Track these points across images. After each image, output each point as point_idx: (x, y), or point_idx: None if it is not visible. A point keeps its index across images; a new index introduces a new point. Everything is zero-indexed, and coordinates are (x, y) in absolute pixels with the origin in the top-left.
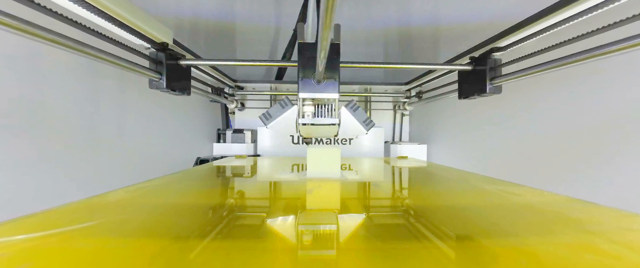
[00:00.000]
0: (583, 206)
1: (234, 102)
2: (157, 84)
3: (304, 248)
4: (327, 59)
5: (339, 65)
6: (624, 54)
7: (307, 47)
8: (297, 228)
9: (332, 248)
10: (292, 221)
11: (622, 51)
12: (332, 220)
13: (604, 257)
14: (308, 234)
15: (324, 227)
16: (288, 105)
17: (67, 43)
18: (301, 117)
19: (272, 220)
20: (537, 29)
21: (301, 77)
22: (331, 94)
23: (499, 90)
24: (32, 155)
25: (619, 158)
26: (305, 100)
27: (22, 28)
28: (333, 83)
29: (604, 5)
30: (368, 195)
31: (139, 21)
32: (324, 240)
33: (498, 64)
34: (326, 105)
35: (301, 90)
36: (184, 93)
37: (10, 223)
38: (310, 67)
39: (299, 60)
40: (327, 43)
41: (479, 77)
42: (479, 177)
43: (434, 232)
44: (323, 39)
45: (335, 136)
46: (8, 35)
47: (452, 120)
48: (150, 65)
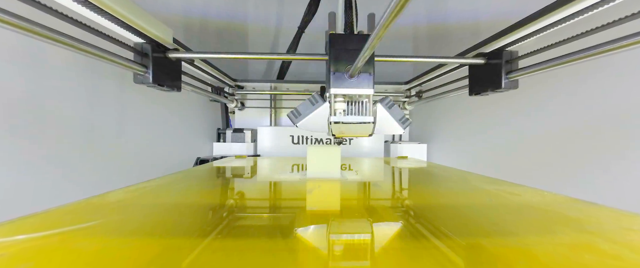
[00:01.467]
0: (583, 206)
1: (234, 101)
2: (143, 78)
3: (304, 249)
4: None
5: (374, 57)
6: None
7: (340, 39)
8: (296, 228)
9: (333, 248)
10: (293, 221)
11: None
12: (332, 221)
13: (604, 257)
14: (308, 234)
15: (325, 226)
16: (319, 102)
17: (34, 28)
18: (333, 114)
19: (272, 221)
20: (559, 17)
21: (332, 71)
22: (366, 89)
23: (516, 85)
24: (32, 155)
25: (621, 159)
26: (337, 96)
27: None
28: (367, 77)
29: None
30: (368, 195)
31: (131, 14)
32: (324, 239)
33: (515, 56)
34: (358, 101)
35: (333, 85)
36: (173, 89)
37: (10, 223)
38: (343, 60)
39: (329, 53)
40: (378, 40)
41: (493, 71)
42: (479, 177)
43: (434, 232)
44: (377, 36)
45: (369, 135)
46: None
47: (452, 119)
48: (135, 57)
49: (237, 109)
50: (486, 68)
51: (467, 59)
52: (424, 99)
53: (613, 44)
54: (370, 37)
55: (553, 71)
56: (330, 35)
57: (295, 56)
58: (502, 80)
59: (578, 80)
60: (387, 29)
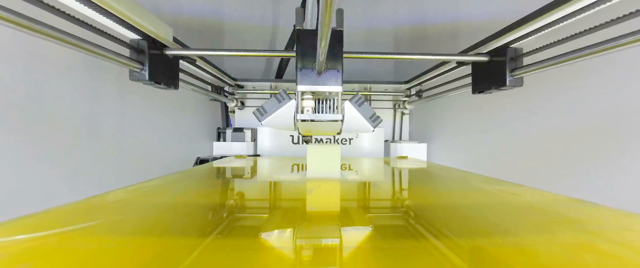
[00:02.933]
0: (583, 206)
1: (233, 100)
2: (139, 75)
3: (304, 249)
4: (328, 46)
5: (342, 54)
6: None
7: (307, 35)
8: (297, 228)
9: (333, 249)
10: (293, 222)
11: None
12: (333, 221)
13: (604, 257)
14: (309, 234)
15: (325, 227)
16: (285, 99)
17: (29, 24)
18: (300, 112)
19: (272, 221)
20: (565, 13)
21: (300, 68)
22: (333, 86)
23: (521, 83)
24: (31, 155)
25: (622, 159)
26: (305, 93)
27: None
28: (335, 74)
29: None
30: (368, 195)
31: (130, 12)
32: (325, 240)
33: (519, 53)
34: (328, 99)
35: (300, 82)
36: (170, 87)
37: (10, 223)
38: (310, 56)
39: (297, 49)
40: (328, 29)
41: (497, 69)
42: (479, 177)
43: (433, 232)
44: (324, 24)
45: (337, 133)
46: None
47: (453, 119)
48: (131, 54)
49: (237, 108)
50: (490, 66)
51: (470, 57)
52: (424, 98)
53: (620, 40)
54: (319, 28)
55: (554, 70)
56: (297, 31)
57: (266, 54)
58: (506, 78)
59: (578, 79)
60: (330, 15)
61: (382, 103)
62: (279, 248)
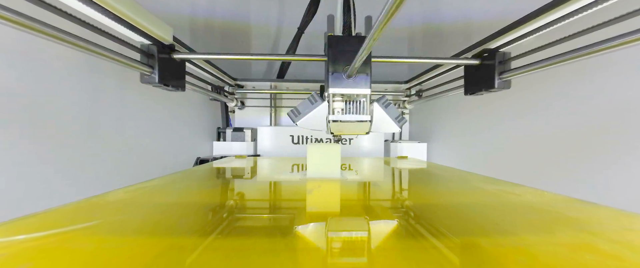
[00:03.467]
0: (583, 206)
1: (234, 100)
2: (149, 78)
3: (304, 249)
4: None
5: (371, 59)
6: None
7: (338, 41)
8: (297, 228)
9: (333, 249)
10: (293, 222)
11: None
12: (333, 220)
13: (604, 257)
14: (309, 235)
15: (325, 227)
16: (317, 101)
17: (46, 30)
18: (331, 113)
19: (272, 221)
20: (550, 19)
21: (331, 72)
22: (363, 89)
23: (508, 85)
24: (31, 154)
25: (622, 158)
26: (335, 95)
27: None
28: (365, 78)
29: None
30: (368, 195)
31: (132, 13)
32: (325, 239)
33: (507, 57)
34: (355, 101)
35: (331, 85)
36: (178, 89)
37: (10, 223)
38: (341, 61)
39: (328, 54)
40: (373, 42)
41: (486, 71)
42: (479, 177)
43: (433, 232)
44: (372, 38)
45: (366, 133)
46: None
47: (453, 118)
48: (142, 58)
49: (237, 108)
50: (480, 68)
51: (462, 60)
52: (424, 98)
53: (604, 44)
54: (366, 39)
55: (551, 71)
56: (328, 37)
57: (295, 57)
58: (495, 81)
59: (577, 80)
60: (382, 31)
61: None
62: (279, 248)
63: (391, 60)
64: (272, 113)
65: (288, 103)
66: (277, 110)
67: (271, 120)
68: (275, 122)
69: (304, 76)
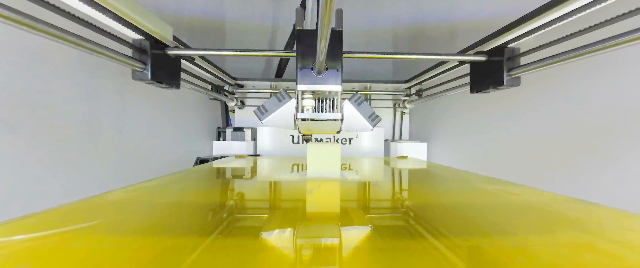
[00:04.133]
0: (583, 206)
1: (233, 100)
2: (141, 74)
3: (304, 249)
4: (328, 46)
5: (342, 54)
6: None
7: (307, 35)
8: (297, 228)
9: (332, 249)
10: (293, 222)
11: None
12: (333, 221)
13: (604, 257)
14: (309, 234)
15: (326, 227)
16: (286, 99)
17: (32, 23)
18: (300, 111)
19: (271, 222)
20: (562, 13)
21: (300, 67)
22: (333, 85)
23: (518, 82)
24: (31, 154)
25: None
26: (305, 92)
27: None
28: (335, 74)
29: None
30: (368, 195)
31: (129, 10)
32: (325, 240)
33: (516, 53)
34: (327, 98)
35: (300, 81)
36: (172, 86)
37: (10, 223)
38: (310, 56)
39: (297, 49)
40: (327, 29)
41: (494, 68)
42: (479, 177)
43: (433, 232)
44: (323, 25)
45: (337, 133)
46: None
47: (453, 118)
48: (134, 54)
49: (237, 108)
50: (487, 65)
51: (469, 56)
52: (424, 97)
53: (617, 40)
54: (318, 27)
55: (554, 69)
56: (297, 31)
57: (267, 53)
58: (504, 77)
59: (579, 78)
60: (329, 15)
61: (382, 102)
62: (279, 248)
63: (365, 56)
64: None
65: None
66: None
67: None
68: None
69: None
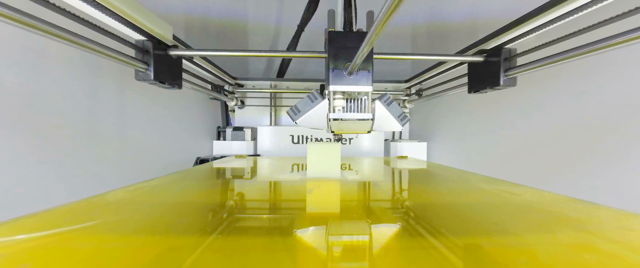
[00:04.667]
0: (583, 206)
1: (233, 99)
2: (144, 75)
3: (303, 249)
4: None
5: (373, 55)
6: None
7: (339, 36)
8: (296, 229)
9: (333, 249)
10: (293, 222)
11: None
12: (333, 220)
13: (604, 257)
14: (309, 234)
15: (326, 226)
16: (318, 99)
17: (38, 25)
18: (332, 111)
19: (272, 222)
20: (558, 14)
21: (332, 69)
22: (364, 86)
23: (514, 83)
24: (31, 154)
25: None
26: (336, 93)
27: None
28: (366, 74)
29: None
30: (368, 195)
31: (130, 10)
32: (324, 240)
33: (513, 54)
34: (356, 98)
35: (332, 82)
36: (174, 86)
37: (10, 223)
38: (342, 57)
39: (328, 50)
40: (375, 36)
41: (491, 69)
42: (479, 177)
43: (433, 232)
44: (375, 33)
45: (368, 132)
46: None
47: (453, 117)
48: (137, 54)
49: (237, 107)
50: (485, 66)
51: (467, 57)
52: (424, 97)
53: (613, 40)
54: (367, 34)
55: (553, 69)
56: (329, 33)
57: (295, 53)
58: (500, 78)
59: (580, 78)
60: (384, 26)
61: None
62: (279, 248)
63: (393, 57)
64: (272, 112)
65: (288, 102)
66: (277, 110)
67: (271, 119)
68: (275, 122)
69: (304, 75)
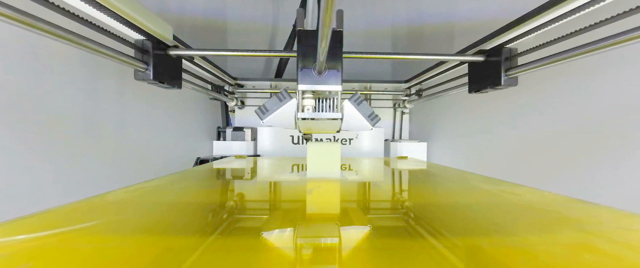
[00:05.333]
0: (583, 206)
1: (233, 99)
2: (144, 75)
3: (304, 249)
4: (328, 47)
5: (342, 54)
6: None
7: (307, 35)
8: (297, 229)
9: (332, 249)
10: (293, 222)
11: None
12: (333, 221)
13: (604, 257)
14: (308, 235)
15: (325, 227)
16: (286, 98)
17: (35, 23)
18: (300, 111)
19: (271, 222)
20: (559, 13)
21: (300, 67)
22: (333, 85)
23: (515, 82)
24: (30, 154)
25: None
26: (305, 92)
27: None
28: (335, 74)
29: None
30: (368, 195)
31: (130, 10)
32: (325, 240)
33: (514, 53)
34: (328, 98)
35: (300, 81)
36: (174, 86)
37: (10, 223)
38: (311, 56)
39: (298, 49)
40: (328, 29)
41: (492, 68)
42: (479, 177)
43: (433, 232)
44: (324, 25)
45: (337, 132)
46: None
47: (453, 117)
48: (136, 54)
49: (237, 108)
50: (485, 65)
51: (467, 57)
52: (424, 97)
53: (614, 39)
54: (319, 28)
55: (552, 69)
56: (297, 32)
57: (268, 53)
58: (501, 78)
59: (581, 77)
60: (331, 14)
61: (382, 102)
62: (279, 249)
63: (364, 56)
64: None
65: None
66: None
67: None
68: None
69: None
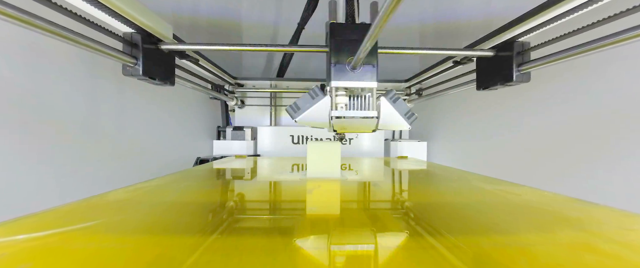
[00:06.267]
0: (583, 206)
1: (233, 99)
2: (132, 70)
3: (304, 249)
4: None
5: (377, 49)
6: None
7: (342, 29)
8: (297, 229)
9: (333, 249)
10: (293, 222)
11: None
12: (333, 221)
13: (604, 257)
14: (308, 235)
15: (326, 227)
16: (319, 96)
17: (21, 16)
18: (334, 109)
19: (272, 222)
20: (572, 5)
21: (333, 63)
22: (369, 82)
23: (528, 78)
24: (30, 154)
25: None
26: (338, 89)
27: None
28: (371, 69)
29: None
30: (368, 195)
31: (118, 1)
32: (325, 239)
33: (526, 48)
34: (360, 95)
35: (334, 77)
36: (166, 83)
37: (10, 223)
38: (344, 51)
39: (330, 43)
40: (380, 28)
41: (503, 64)
42: (479, 177)
43: (433, 232)
44: (382, 20)
45: (373, 131)
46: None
47: (453, 117)
48: (124, 48)
49: (237, 107)
50: (496, 61)
51: (476, 51)
52: (425, 96)
53: (631, 33)
54: (371, 26)
55: (561, 65)
56: (330, 25)
57: (293, 48)
58: (513, 73)
59: (584, 75)
60: (389, 17)
61: None
62: (279, 248)
63: (399, 51)
64: (272, 112)
65: (288, 102)
66: (277, 109)
67: (271, 119)
68: (275, 121)
69: (306, 74)
